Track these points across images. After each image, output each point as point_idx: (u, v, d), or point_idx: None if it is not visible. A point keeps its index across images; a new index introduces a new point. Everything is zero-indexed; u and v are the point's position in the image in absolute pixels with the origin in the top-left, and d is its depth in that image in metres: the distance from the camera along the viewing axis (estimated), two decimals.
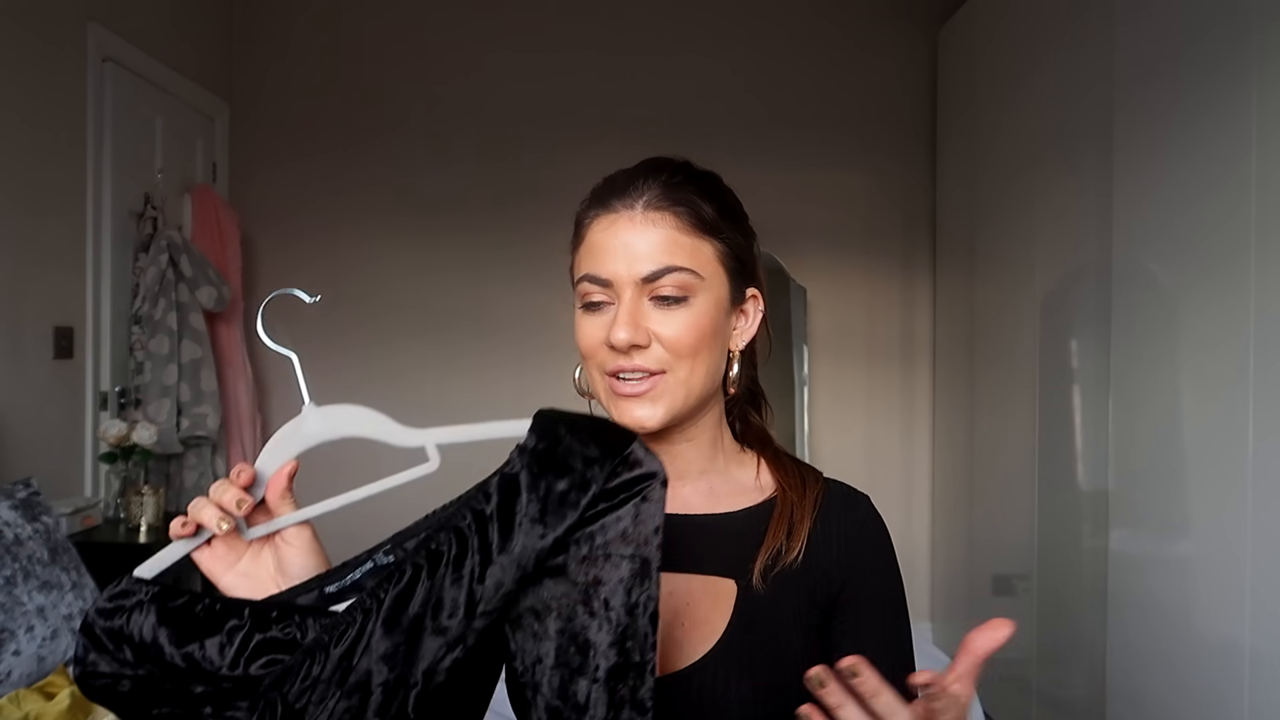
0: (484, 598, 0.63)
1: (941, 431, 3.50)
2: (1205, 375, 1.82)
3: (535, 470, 0.64)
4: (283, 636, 0.65)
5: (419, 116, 3.61)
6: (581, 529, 0.64)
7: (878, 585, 0.84)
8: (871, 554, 0.85)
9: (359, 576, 0.68)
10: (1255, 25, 1.68)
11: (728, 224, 0.83)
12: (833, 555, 0.83)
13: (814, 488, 0.86)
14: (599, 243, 0.81)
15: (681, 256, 0.79)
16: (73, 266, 2.70)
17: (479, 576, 0.63)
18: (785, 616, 0.81)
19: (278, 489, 0.70)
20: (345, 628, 0.64)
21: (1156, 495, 1.98)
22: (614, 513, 0.64)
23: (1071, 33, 2.39)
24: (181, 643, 0.65)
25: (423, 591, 0.64)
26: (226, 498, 0.68)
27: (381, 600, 0.64)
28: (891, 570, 0.86)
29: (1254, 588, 1.67)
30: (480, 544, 0.64)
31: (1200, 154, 1.83)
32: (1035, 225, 2.60)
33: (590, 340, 0.81)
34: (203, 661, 0.64)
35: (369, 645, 0.63)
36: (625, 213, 0.80)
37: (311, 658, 0.64)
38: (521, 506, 0.64)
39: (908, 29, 3.61)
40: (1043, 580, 2.55)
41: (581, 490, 0.63)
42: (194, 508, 0.68)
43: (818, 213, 3.60)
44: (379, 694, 0.63)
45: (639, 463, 0.64)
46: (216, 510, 0.67)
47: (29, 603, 1.84)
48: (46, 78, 2.55)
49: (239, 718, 0.65)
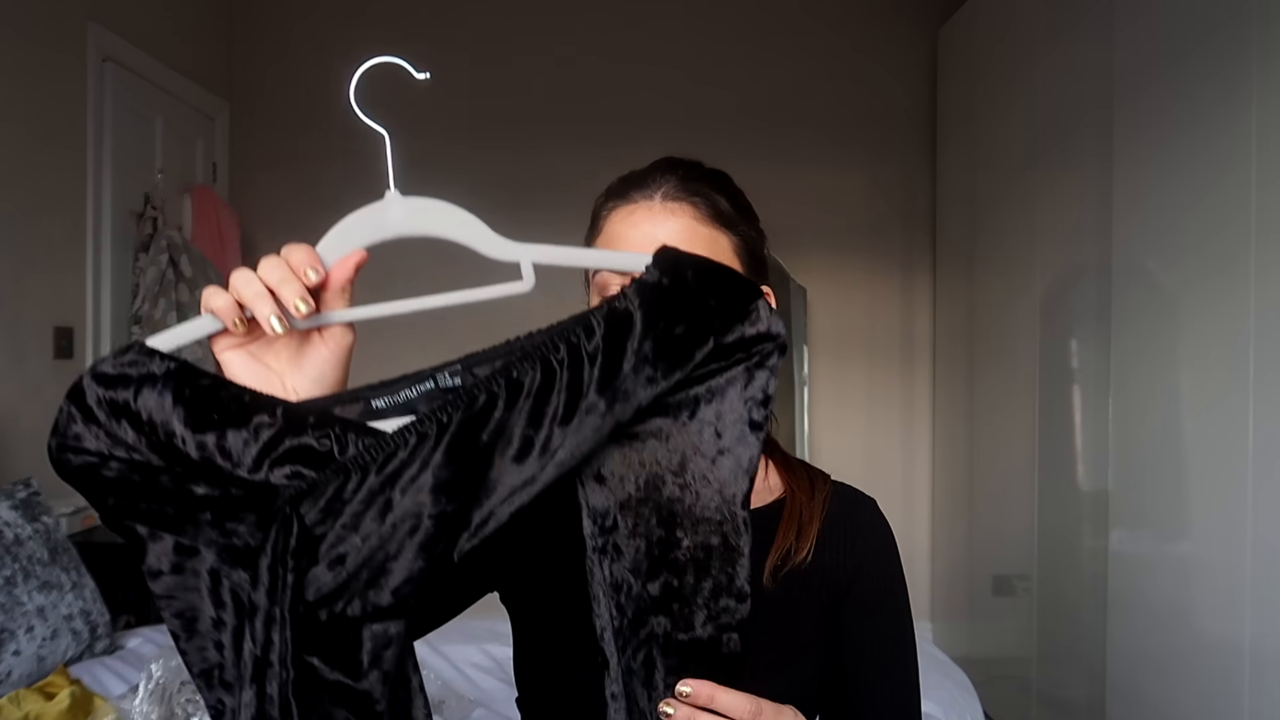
0: (565, 443, 0.54)
1: (941, 431, 3.50)
2: (1205, 375, 1.82)
3: (652, 308, 0.55)
4: (318, 447, 0.54)
5: (420, 116, 3.61)
6: (689, 388, 0.56)
7: (880, 589, 0.85)
8: (876, 557, 0.85)
9: (414, 396, 0.58)
10: (1256, 24, 1.68)
11: (742, 220, 0.83)
12: (839, 557, 0.84)
13: (822, 489, 0.87)
14: (618, 232, 0.81)
15: (700, 246, 0.79)
16: (73, 266, 2.70)
17: (562, 418, 0.54)
18: (795, 615, 0.82)
19: (339, 279, 0.61)
20: (395, 450, 0.54)
21: (1156, 495, 1.98)
22: (725, 373, 0.57)
23: (1071, 33, 2.39)
24: (199, 429, 0.53)
25: (496, 423, 0.54)
26: (287, 292, 0.56)
27: (445, 425, 0.54)
28: (895, 574, 0.86)
29: (1254, 588, 1.67)
30: (571, 381, 0.54)
31: (1200, 153, 1.83)
32: (1035, 225, 2.59)
33: None
34: (219, 455, 0.53)
35: (425, 472, 0.54)
36: (644, 203, 0.81)
37: (346, 476, 0.54)
38: (633, 347, 0.55)
39: (907, 29, 3.61)
40: (1043, 580, 2.55)
41: (700, 340, 0.55)
42: (245, 289, 0.56)
43: (818, 213, 3.60)
44: (430, 525, 0.54)
45: (760, 321, 0.57)
46: (272, 304, 0.56)
47: (29, 603, 1.84)
48: (47, 77, 2.55)
49: (240, 533, 0.54)
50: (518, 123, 3.61)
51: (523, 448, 0.54)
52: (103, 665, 1.92)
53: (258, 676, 0.53)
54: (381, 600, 0.54)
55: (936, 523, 3.52)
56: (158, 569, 0.55)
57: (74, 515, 2.49)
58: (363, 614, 0.54)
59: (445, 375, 0.58)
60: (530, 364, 0.56)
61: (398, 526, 0.54)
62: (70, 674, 1.79)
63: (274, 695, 0.53)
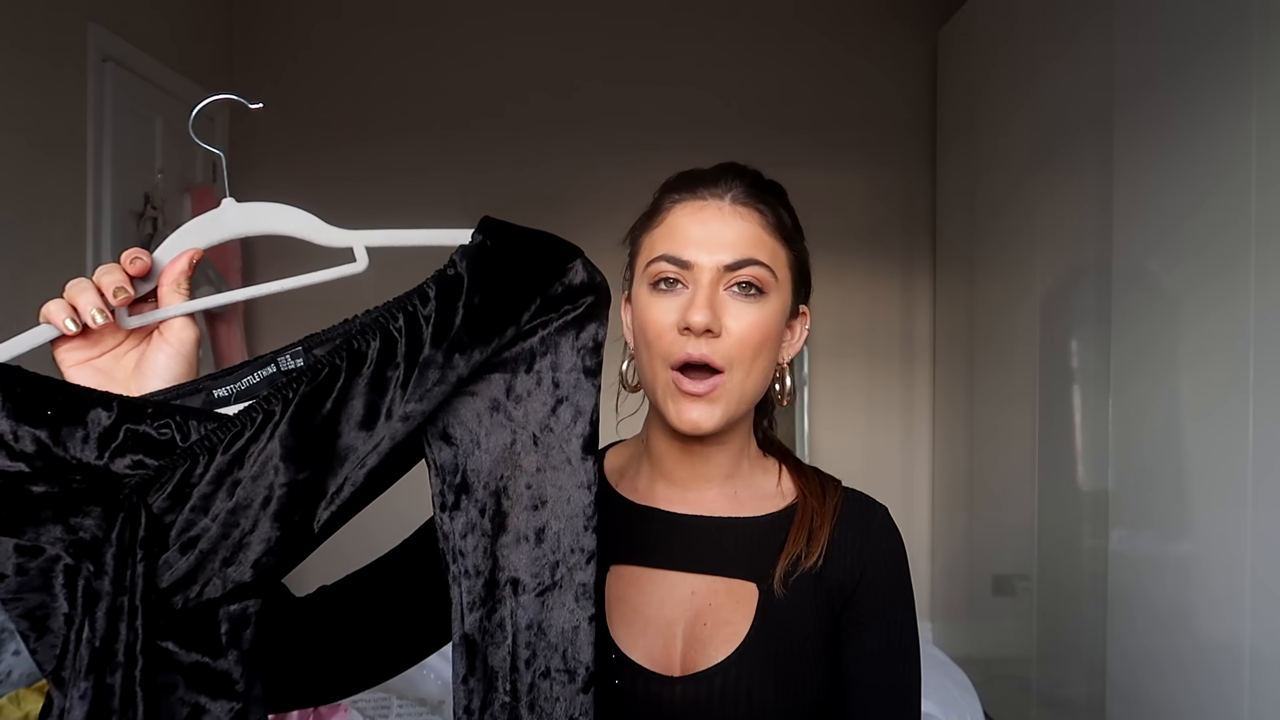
0: (409, 401, 0.56)
1: (941, 431, 3.50)
2: (1206, 375, 1.82)
3: (478, 267, 0.58)
4: (158, 435, 0.55)
5: (421, 115, 3.61)
6: (522, 341, 0.59)
7: (886, 598, 0.85)
8: (884, 565, 0.86)
9: (256, 381, 0.59)
10: (1257, 26, 1.68)
11: (798, 235, 0.87)
12: (847, 563, 0.84)
13: (833, 496, 0.87)
14: (683, 226, 0.81)
15: (764, 253, 0.81)
16: (73, 266, 2.70)
17: (403, 381, 0.56)
18: (804, 621, 0.82)
19: (173, 275, 0.61)
20: (240, 429, 0.55)
21: (1156, 495, 1.98)
22: (554, 324, 0.59)
23: (1072, 33, 2.39)
24: (34, 423, 0.53)
25: (339, 393, 0.56)
26: (106, 281, 0.58)
27: (290, 400, 0.55)
28: (902, 584, 0.87)
29: (1254, 588, 1.67)
30: (409, 347, 0.57)
31: (1201, 154, 1.83)
32: (1035, 225, 2.60)
33: (661, 321, 0.79)
34: (54, 446, 0.53)
35: (271, 442, 0.55)
36: (714, 202, 0.81)
37: (192, 461, 0.54)
38: (462, 303, 0.57)
39: (907, 30, 3.61)
40: (1043, 580, 2.55)
41: (526, 295, 0.58)
42: (72, 289, 0.58)
43: (817, 214, 3.55)
44: (283, 494, 0.55)
45: (579, 273, 0.60)
46: (95, 295, 0.57)
47: None
48: (46, 78, 2.55)
49: (87, 527, 0.54)
50: (512, 125, 3.61)
51: (368, 414, 0.56)
52: None
53: (95, 667, 0.52)
54: (243, 576, 0.55)
55: (936, 523, 3.52)
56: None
57: None
58: (223, 594, 0.55)
59: (287, 358, 0.59)
60: (371, 335, 0.58)
61: (251, 501, 0.54)
62: None
63: (115, 686, 0.52)
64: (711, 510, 0.86)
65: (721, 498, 0.86)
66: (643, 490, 0.88)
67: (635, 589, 0.83)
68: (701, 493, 0.86)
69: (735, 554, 0.84)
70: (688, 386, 0.78)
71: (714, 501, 0.86)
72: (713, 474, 0.86)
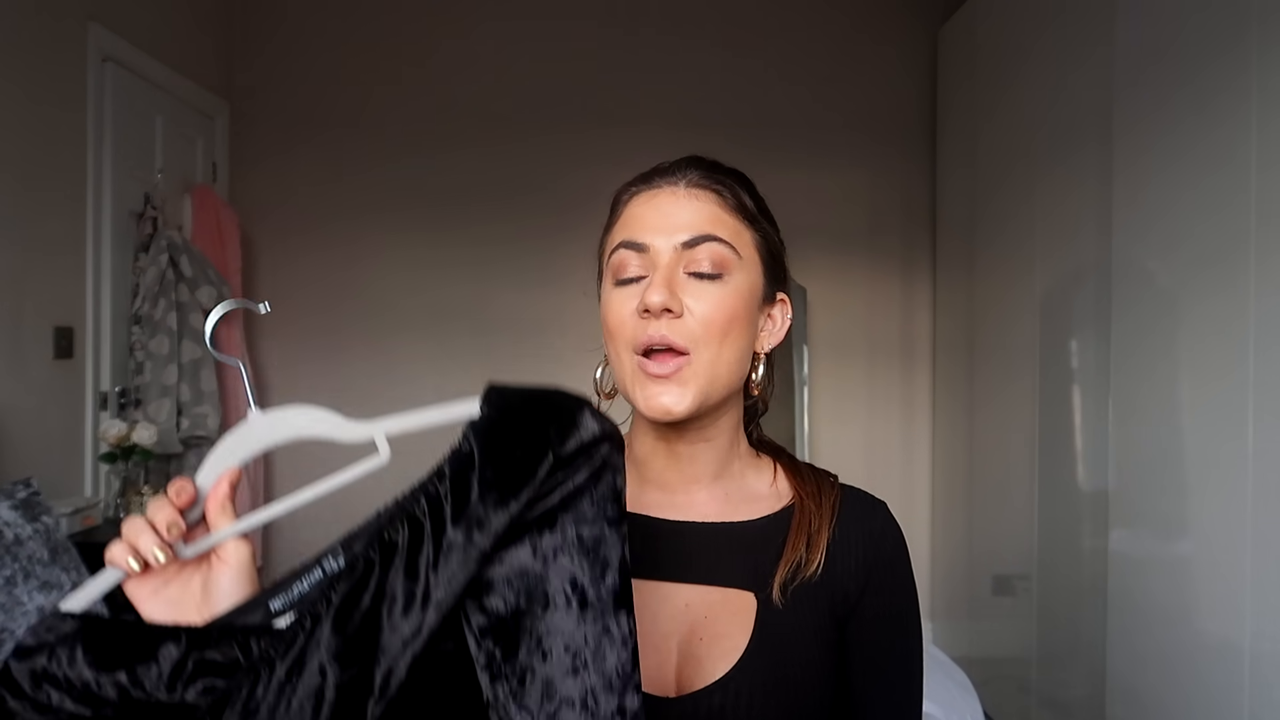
0: (440, 584, 0.58)
1: (941, 431, 3.50)
2: (1205, 374, 1.82)
3: (488, 439, 0.60)
4: (223, 659, 0.58)
5: (420, 115, 3.61)
6: (541, 502, 0.59)
7: (891, 601, 0.82)
8: (888, 567, 0.82)
9: (306, 589, 0.61)
10: (1255, 21, 1.68)
11: (763, 218, 0.82)
12: (850, 566, 0.81)
13: (830, 495, 0.83)
14: (638, 214, 0.79)
15: (724, 230, 0.78)
16: (73, 266, 2.70)
17: (434, 563, 0.58)
18: (805, 630, 0.78)
19: (217, 500, 0.64)
20: (292, 639, 0.58)
21: (1156, 495, 1.98)
22: (572, 480, 0.60)
23: (1071, 31, 2.39)
24: (111, 670, 0.58)
25: (375, 586, 0.58)
26: (160, 519, 0.62)
27: (331, 602, 0.58)
28: (907, 585, 0.84)
29: (1254, 588, 1.67)
30: (434, 528, 0.58)
31: (1200, 152, 1.83)
32: (1035, 224, 2.59)
33: (620, 312, 0.78)
34: (133, 689, 0.57)
35: (319, 648, 0.57)
36: (668, 187, 0.79)
37: (255, 677, 0.58)
38: (476, 477, 0.59)
39: (908, 28, 3.61)
40: (1043, 580, 2.55)
41: (538, 457, 0.59)
42: (130, 531, 0.62)
43: (818, 212, 3.60)
44: (333, 696, 0.57)
45: (586, 427, 0.60)
46: (152, 534, 0.62)
47: (29, 603, 1.84)
48: (47, 77, 2.55)
49: None
50: (512, 124, 3.61)
51: (406, 601, 0.58)
52: None
53: None
54: None
55: (936, 523, 3.52)
56: None
57: (74, 515, 2.49)
58: None
59: (329, 560, 0.62)
60: (398, 523, 0.60)
61: (304, 705, 0.57)
62: None
63: None
64: (703, 515, 0.83)
65: (712, 501, 0.83)
66: (630, 497, 0.83)
67: None
68: (691, 496, 0.83)
69: (730, 562, 0.80)
70: (652, 369, 0.76)
71: (705, 505, 0.83)
72: (700, 474, 0.83)
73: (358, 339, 3.58)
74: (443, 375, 3.56)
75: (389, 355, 3.59)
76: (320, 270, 3.56)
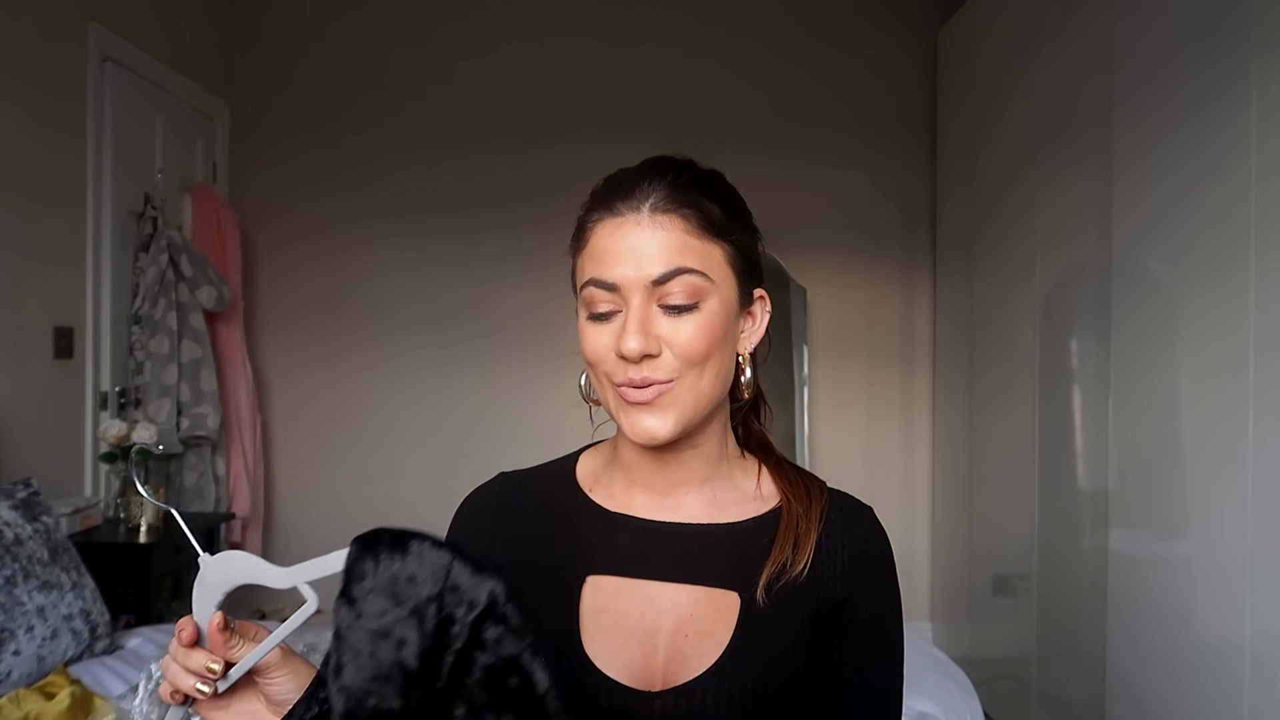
0: None
1: (941, 431, 3.50)
2: (1205, 374, 1.82)
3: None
4: None
5: (420, 115, 3.61)
6: (464, 671, 0.61)
7: (875, 607, 0.83)
8: (873, 573, 0.83)
9: None
10: (1255, 21, 1.68)
11: (735, 225, 0.80)
12: (836, 570, 0.82)
13: (819, 499, 0.84)
14: (604, 247, 0.77)
15: (692, 258, 0.76)
16: (73, 266, 2.70)
17: None
18: (788, 632, 0.80)
19: (218, 646, 0.69)
20: None
21: (1156, 495, 1.98)
22: (475, 649, 0.60)
23: (1071, 32, 2.39)
24: None
25: None
26: (194, 663, 0.68)
27: None
28: (891, 591, 0.85)
29: (1254, 588, 1.67)
30: None
31: (1200, 152, 1.83)
32: (1035, 224, 2.60)
33: (598, 349, 0.78)
34: None
35: None
36: (631, 216, 0.77)
37: None
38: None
39: (908, 29, 3.61)
40: (1043, 580, 2.55)
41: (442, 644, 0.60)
42: (173, 678, 0.69)
43: (818, 213, 3.60)
44: None
45: (463, 601, 0.61)
46: (193, 677, 0.68)
47: (29, 603, 1.84)
48: (47, 77, 2.55)
49: None
50: (512, 122, 3.61)
51: None
52: (103, 665, 1.92)
53: None
54: None
55: (936, 523, 3.52)
56: None
57: (74, 515, 2.49)
58: None
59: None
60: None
61: None
62: (70, 674, 1.79)
63: None
64: (690, 517, 0.83)
65: (700, 502, 0.84)
66: (618, 497, 0.85)
67: (615, 601, 0.81)
68: (679, 498, 0.84)
69: (717, 562, 0.81)
70: (633, 396, 0.76)
71: (692, 507, 0.84)
72: (689, 478, 0.84)
73: (358, 338, 3.58)
74: (443, 376, 3.56)
75: (390, 356, 3.59)
76: (320, 270, 3.56)
